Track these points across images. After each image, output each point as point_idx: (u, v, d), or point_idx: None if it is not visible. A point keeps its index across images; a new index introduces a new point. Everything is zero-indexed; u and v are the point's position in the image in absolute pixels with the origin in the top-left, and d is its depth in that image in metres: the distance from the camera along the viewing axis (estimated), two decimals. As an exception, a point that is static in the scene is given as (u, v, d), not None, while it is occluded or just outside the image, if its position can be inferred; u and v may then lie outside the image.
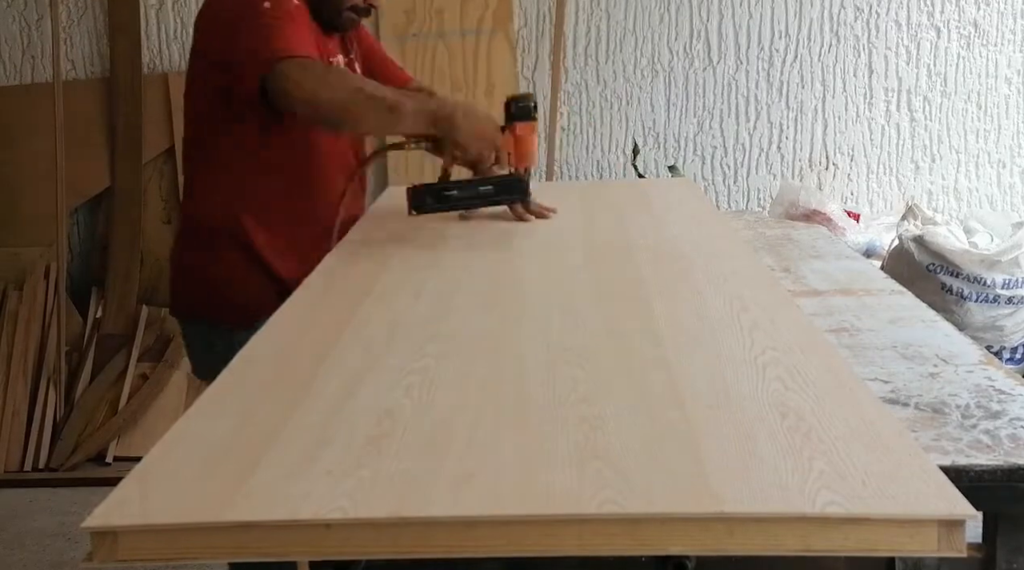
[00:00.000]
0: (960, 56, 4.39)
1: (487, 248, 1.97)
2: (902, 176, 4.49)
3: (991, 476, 1.35)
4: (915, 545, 0.90)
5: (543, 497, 0.94)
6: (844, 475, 0.95)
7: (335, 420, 1.12)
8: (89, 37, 4.47)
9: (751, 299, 1.52)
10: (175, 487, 0.99)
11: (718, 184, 4.52)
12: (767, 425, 1.07)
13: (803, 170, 4.48)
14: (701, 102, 4.46)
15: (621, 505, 0.91)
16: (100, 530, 0.92)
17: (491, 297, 1.63)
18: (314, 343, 1.38)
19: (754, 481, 0.95)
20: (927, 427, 1.48)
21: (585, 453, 1.01)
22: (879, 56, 4.40)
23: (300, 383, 1.23)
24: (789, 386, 1.17)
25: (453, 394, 1.20)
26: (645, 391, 1.18)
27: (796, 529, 0.90)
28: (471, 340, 1.40)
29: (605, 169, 4.52)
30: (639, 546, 0.91)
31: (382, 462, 1.01)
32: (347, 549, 0.93)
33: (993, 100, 4.42)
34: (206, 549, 0.93)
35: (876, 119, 4.45)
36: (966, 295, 3.58)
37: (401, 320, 1.49)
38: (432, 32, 4.40)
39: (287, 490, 0.96)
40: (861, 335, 1.91)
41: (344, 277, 1.77)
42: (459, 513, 0.92)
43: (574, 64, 4.45)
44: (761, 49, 4.41)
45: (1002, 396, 1.59)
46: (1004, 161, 4.46)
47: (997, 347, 3.63)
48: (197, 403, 1.20)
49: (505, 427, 1.09)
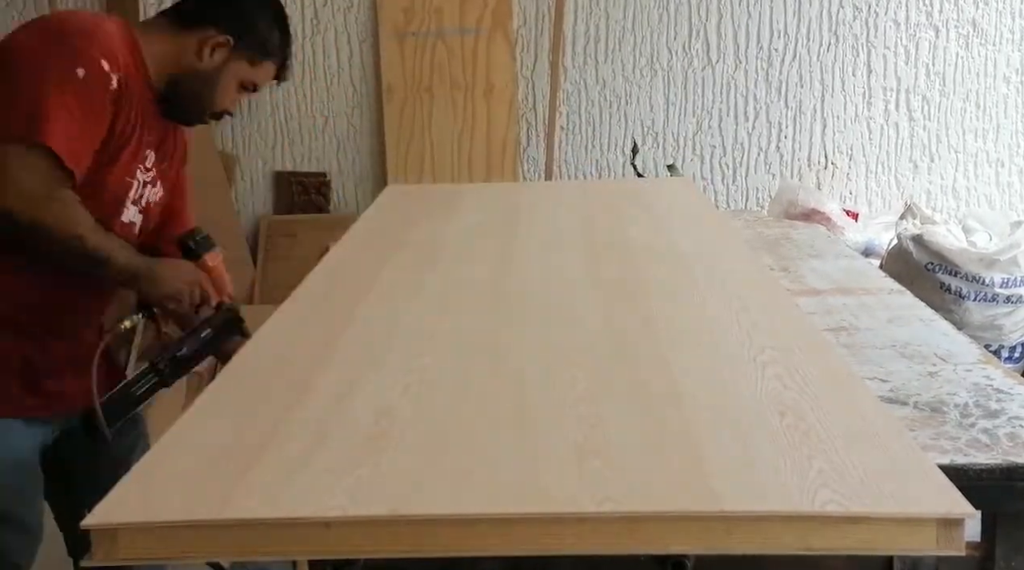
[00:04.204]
0: (959, 55, 4.39)
1: (486, 248, 1.97)
2: (901, 175, 4.49)
3: (990, 475, 1.35)
4: (914, 544, 0.90)
5: (542, 496, 0.94)
6: (843, 474, 0.95)
7: (334, 419, 1.12)
8: (88, 36, 4.47)
9: (750, 298, 1.52)
10: (175, 486, 0.99)
11: (717, 183, 4.53)
12: (766, 424, 1.07)
13: (802, 169, 4.48)
14: (700, 101, 4.47)
15: (620, 504, 0.92)
16: (100, 528, 0.92)
17: (490, 297, 1.63)
18: (314, 343, 1.39)
19: (753, 480, 0.95)
20: (926, 426, 1.48)
21: (584, 452, 1.02)
22: (878, 55, 4.40)
23: (299, 382, 1.23)
24: (788, 385, 1.17)
25: (452, 393, 1.20)
26: (644, 390, 1.18)
27: (795, 528, 0.90)
28: (470, 340, 1.40)
29: (604, 168, 4.52)
30: (638, 545, 0.91)
31: (381, 461, 1.01)
32: (346, 547, 0.93)
33: (992, 99, 4.42)
34: (206, 548, 0.93)
35: (875, 118, 4.45)
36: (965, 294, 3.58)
37: (401, 320, 1.49)
38: (431, 31, 4.40)
39: (286, 489, 0.96)
40: (860, 334, 1.92)
41: (344, 277, 1.77)
42: (458, 512, 0.92)
43: (573, 63, 4.45)
44: (760, 48, 4.41)
45: (1001, 395, 1.59)
46: (1003, 160, 4.46)
47: (996, 346, 3.63)
48: (197, 403, 1.20)
49: (504, 426, 1.10)
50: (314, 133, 4.53)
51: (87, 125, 1.72)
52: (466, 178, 4.43)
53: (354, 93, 4.53)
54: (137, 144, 1.86)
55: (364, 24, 4.48)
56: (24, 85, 1.69)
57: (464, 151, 4.48)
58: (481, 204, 2.36)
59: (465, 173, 4.46)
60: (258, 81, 1.97)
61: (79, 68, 1.70)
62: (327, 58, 4.51)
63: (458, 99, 4.44)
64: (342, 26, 4.48)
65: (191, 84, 1.90)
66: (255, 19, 1.94)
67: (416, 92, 4.45)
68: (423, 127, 4.47)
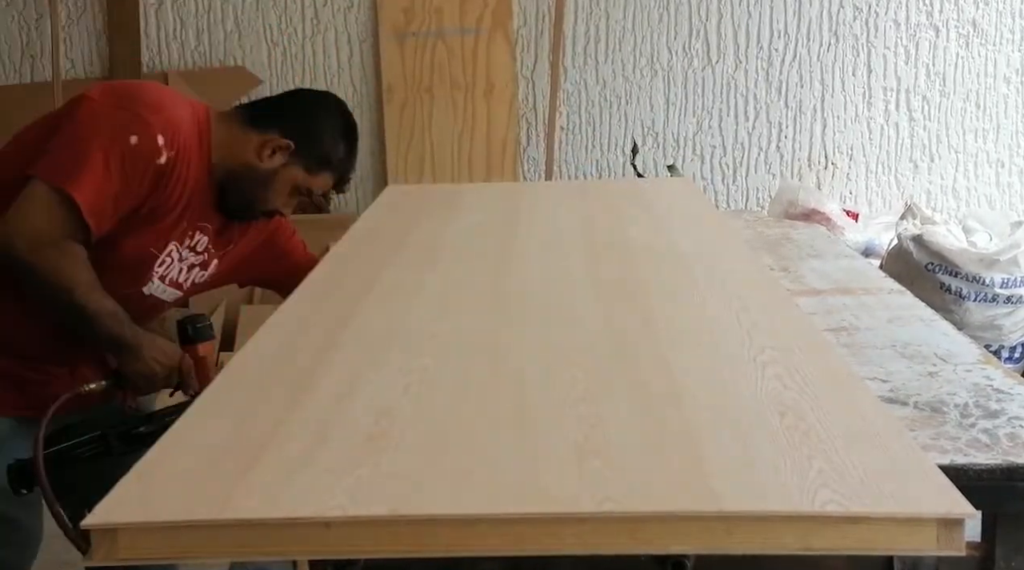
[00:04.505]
0: (959, 55, 4.39)
1: (486, 248, 1.97)
2: (901, 175, 4.49)
3: (990, 475, 1.35)
4: (914, 544, 0.90)
5: (542, 496, 0.94)
6: (843, 474, 0.95)
7: (334, 419, 1.12)
8: (88, 36, 4.48)
9: (750, 298, 1.52)
10: (175, 486, 0.99)
11: (717, 183, 4.53)
12: (766, 424, 1.07)
13: (802, 169, 4.49)
14: (700, 101, 4.47)
15: (620, 504, 0.92)
16: (100, 528, 0.92)
17: (490, 297, 1.63)
18: (314, 343, 1.38)
19: (753, 480, 0.95)
20: (926, 426, 1.48)
21: (584, 452, 1.01)
22: (878, 55, 4.41)
23: (299, 382, 1.23)
24: (788, 385, 1.17)
25: (452, 393, 1.20)
26: (644, 390, 1.18)
27: (795, 528, 0.90)
28: (470, 340, 1.40)
29: (604, 168, 4.52)
30: (638, 545, 0.91)
31: (381, 461, 1.01)
32: (346, 547, 0.93)
33: (992, 99, 4.42)
34: (206, 548, 0.93)
35: (875, 118, 4.45)
36: (965, 294, 3.58)
37: (401, 320, 1.49)
38: (431, 31, 4.40)
39: (287, 489, 0.96)
40: (860, 334, 1.92)
41: (344, 277, 1.77)
42: (458, 512, 0.92)
43: (573, 63, 4.45)
44: (760, 48, 4.42)
45: (1000, 395, 1.59)
46: (1003, 160, 4.47)
47: (996, 346, 3.63)
48: (197, 402, 1.20)
49: (504, 426, 1.10)
50: (314, 133, 4.52)
51: (122, 188, 1.75)
52: (466, 178, 4.43)
53: (354, 93, 4.53)
54: (175, 223, 1.88)
55: (364, 24, 4.48)
56: (78, 134, 1.75)
57: (464, 151, 4.48)
58: (481, 204, 2.36)
59: (465, 173, 4.46)
60: (313, 188, 1.98)
61: (133, 136, 1.75)
62: (327, 58, 4.52)
63: (458, 99, 4.45)
64: (342, 26, 4.49)
65: (246, 180, 1.93)
66: (321, 129, 1.96)
67: (416, 92, 4.46)
68: (423, 127, 4.47)
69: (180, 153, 1.81)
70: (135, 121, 1.76)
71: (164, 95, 1.89)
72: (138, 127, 1.76)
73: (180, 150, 1.81)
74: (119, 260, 1.83)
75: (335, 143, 1.98)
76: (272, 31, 4.51)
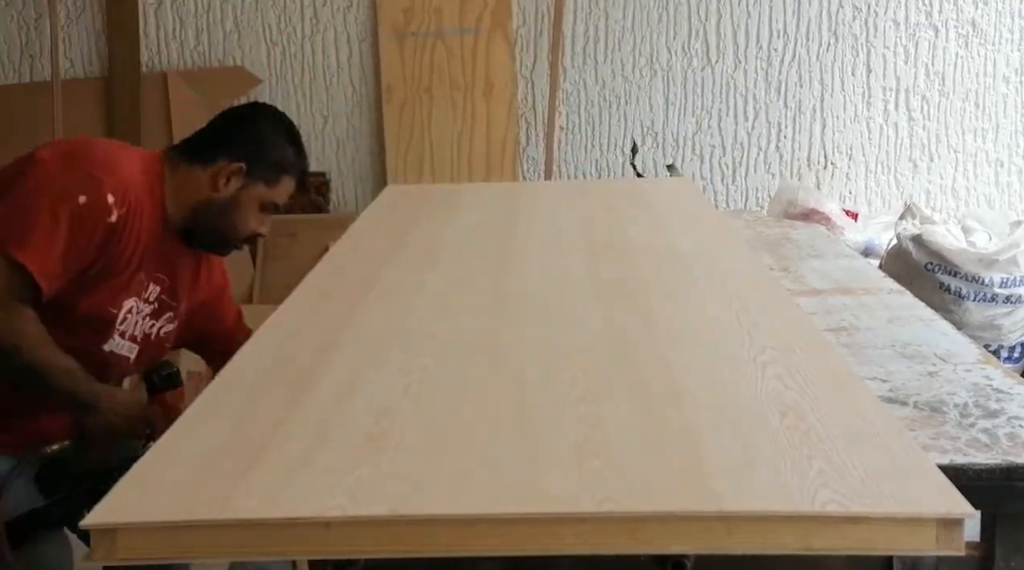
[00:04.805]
0: (958, 55, 4.39)
1: (486, 248, 1.97)
2: (900, 175, 4.49)
3: (989, 475, 1.35)
4: (914, 543, 0.90)
5: (542, 496, 0.94)
6: (843, 474, 0.95)
7: (334, 419, 1.12)
8: (87, 36, 4.47)
9: (750, 298, 1.52)
10: (175, 486, 0.99)
11: (716, 183, 4.53)
12: (766, 424, 1.07)
13: (801, 169, 4.48)
14: (699, 101, 4.47)
15: (620, 504, 0.92)
16: (99, 528, 0.92)
17: (490, 297, 1.63)
18: (314, 343, 1.38)
19: (753, 480, 0.95)
20: (926, 426, 1.48)
21: (584, 452, 1.02)
22: (877, 55, 4.41)
23: (299, 382, 1.23)
24: (788, 385, 1.17)
25: (452, 393, 1.20)
26: (644, 390, 1.18)
27: (795, 528, 0.90)
28: (470, 340, 1.40)
29: (604, 168, 4.52)
30: (638, 545, 0.91)
31: (381, 461, 1.01)
32: (346, 547, 0.93)
33: (991, 99, 4.42)
34: (205, 548, 0.93)
35: (874, 118, 4.45)
36: (964, 294, 3.58)
37: (401, 320, 1.49)
38: (430, 31, 4.40)
39: (286, 489, 0.96)
40: (860, 334, 1.92)
41: (344, 277, 1.77)
42: (458, 512, 0.92)
43: (572, 63, 4.45)
44: (759, 48, 4.41)
45: (1000, 395, 1.59)
46: (1002, 160, 4.47)
47: (995, 346, 3.63)
48: (197, 403, 1.20)
49: (504, 426, 1.10)
50: (314, 133, 4.52)
51: (71, 247, 1.74)
52: (466, 178, 4.43)
53: (354, 93, 4.53)
54: (130, 278, 1.87)
55: (364, 24, 4.48)
56: (27, 196, 1.74)
57: (464, 151, 4.48)
58: (481, 204, 2.36)
59: (465, 173, 4.46)
60: (278, 200, 1.98)
61: (82, 195, 1.75)
62: (327, 58, 4.51)
63: (458, 99, 4.45)
64: (341, 26, 4.48)
65: (209, 215, 1.92)
66: (265, 140, 1.95)
67: (416, 92, 4.45)
68: (423, 127, 4.47)
69: (132, 209, 1.81)
70: (85, 181, 1.76)
71: (114, 152, 1.88)
72: (88, 186, 1.75)
73: (132, 206, 1.80)
74: (77, 318, 1.83)
75: (283, 148, 1.97)
76: (271, 31, 4.51)
